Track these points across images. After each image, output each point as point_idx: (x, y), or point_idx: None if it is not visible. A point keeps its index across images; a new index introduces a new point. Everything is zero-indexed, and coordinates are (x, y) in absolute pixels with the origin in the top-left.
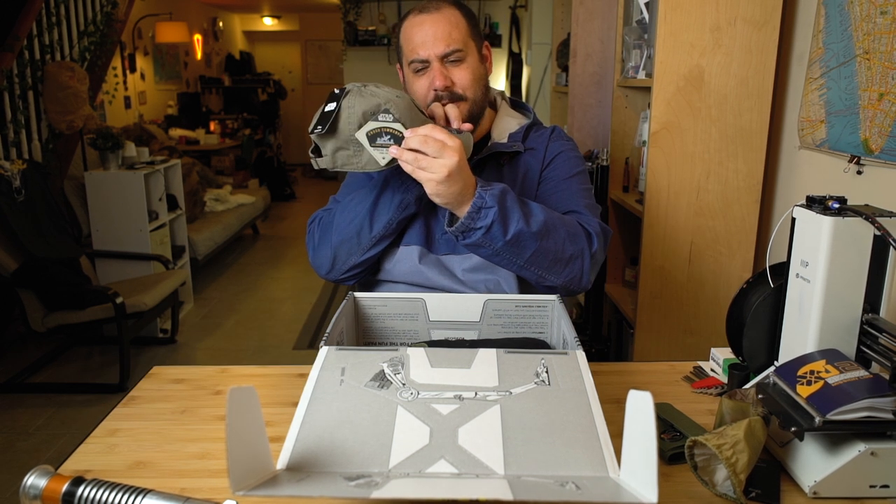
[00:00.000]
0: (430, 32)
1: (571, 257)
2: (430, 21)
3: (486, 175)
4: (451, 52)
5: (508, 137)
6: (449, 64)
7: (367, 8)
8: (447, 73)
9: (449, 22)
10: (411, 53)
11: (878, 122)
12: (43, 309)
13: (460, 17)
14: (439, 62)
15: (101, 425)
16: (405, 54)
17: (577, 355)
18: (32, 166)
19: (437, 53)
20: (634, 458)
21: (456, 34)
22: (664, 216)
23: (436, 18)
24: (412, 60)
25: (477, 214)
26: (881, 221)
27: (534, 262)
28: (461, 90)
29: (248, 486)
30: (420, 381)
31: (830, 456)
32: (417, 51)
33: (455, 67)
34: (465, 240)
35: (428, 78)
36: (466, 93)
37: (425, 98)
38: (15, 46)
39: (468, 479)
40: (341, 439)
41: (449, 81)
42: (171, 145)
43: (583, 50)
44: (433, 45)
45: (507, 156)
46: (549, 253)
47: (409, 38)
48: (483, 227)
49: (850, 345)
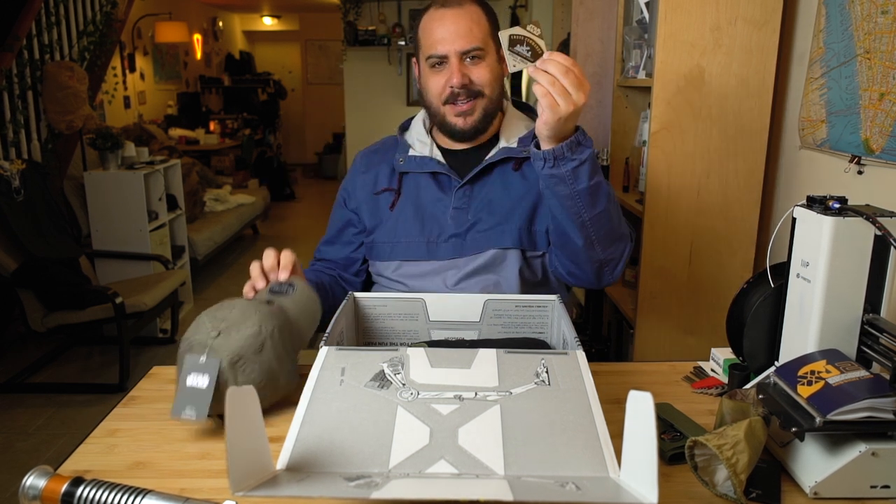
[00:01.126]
0: (451, 28)
1: (621, 236)
2: (452, 16)
3: (497, 179)
4: (472, 49)
5: (519, 142)
6: (468, 61)
7: (367, 8)
8: (466, 70)
9: (471, 18)
10: (429, 48)
11: (879, 121)
12: (43, 309)
13: (482, 15)
14: (458, 59)
15: (101, 425)
16: (423, 49)
17: (577, 355)
18: (32, 166)
19: (456, 49)
20: (635, 459)
21: (477, 31)
22: (664, 216)
23: (457, 14)
24: (430, 55)
25: (577, 147)
26: (882, 221)
27: (596, 222)
28: (479, 87)
29: (248, 487)
30: (420, 382)
31: (831, 456)
32: (436, 46)
33: (474, 65)
34: (556, 168)
35: (445, 74)
36: (485, 90)
37: (440, 95)
38: (14, 46)
39: (468, 479)
40: (341, 439)
41: (466, 79)
42: (170, 145)
43: (583, 50)
44: (453, 41)
45: (516, 160)
46: (610, 220)
47: (429, 33)
48: (577, 161)
49: (851, 345)
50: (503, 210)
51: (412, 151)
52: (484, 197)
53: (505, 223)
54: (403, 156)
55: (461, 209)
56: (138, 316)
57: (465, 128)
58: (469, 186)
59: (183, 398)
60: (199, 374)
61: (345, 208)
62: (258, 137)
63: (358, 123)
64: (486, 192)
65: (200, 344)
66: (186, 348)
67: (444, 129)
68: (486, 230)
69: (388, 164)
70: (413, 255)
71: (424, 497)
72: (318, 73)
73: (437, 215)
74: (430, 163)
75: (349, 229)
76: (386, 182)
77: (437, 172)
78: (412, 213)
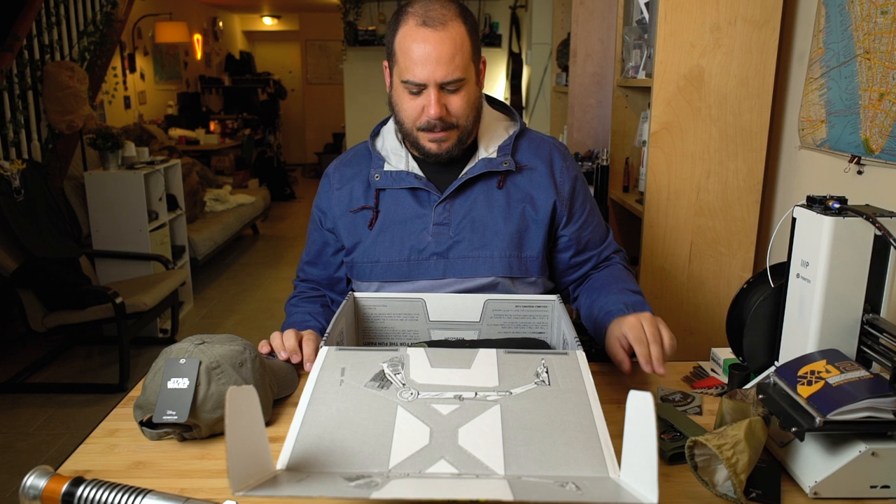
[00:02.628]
0: (432, 54)
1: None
2: (434, 40)
3: (478, 194)
4: (452, 80)
5: (498, 150)
6: (446, 90)
7: (367, 8)
8: (444, 100)
9: (454, 43)
10: (406, 71)
11: (879, 121)
12: (43, 309)
13: (465, 37)
14: (436, 89)
15: (101, 425)
16: (398, 67)
17: (577, 355)
18: (32, 166)
19: (436, 80)
20: (635, 459)
21: (459, 60)
22: (664, 216)
23: (441, 38)
24: (407, 80)
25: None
26: (882, 221)
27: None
28: (455, 119)
29: (248, 487)
30: (420, 382)
31: (831, 456)
32: (414, 70)
33: (453, 94)
34: None
35: (421, 101)
36: (459, 121)
37: (415, 120)
38: (14, 46)
39: (468, 479)
40: (341, 439)
41: (444, 111)
42: (170, 145)
43: (583, 50)
44: (434, 70)
45: (500, 176)
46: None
47: (407, 52)
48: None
49: (851, 345)
50: (488, 230)
51: (387, 166)
52: (466, 213)
53: (492, 247)
54: (379, 171)
55: (442, 224)
56: (138, 316)
57: (440, 152)
58: (449, 200)
59: (164, 401)
60: (178, 378)
61: (321, 229)
62: (258, 137)
63: (358, 123)
64: (467, 208)
65: (182, 350)
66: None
67: (417, 149)
68: (472, 255)
69: (362, 179)
70: (393, 276)
71: (425, 497)
72: (318, 73)
73: (417, 232)
74: (408, 177)
75: (327, 249)
76: (362, 199)
77: (415, 187)
78: (390, 232)
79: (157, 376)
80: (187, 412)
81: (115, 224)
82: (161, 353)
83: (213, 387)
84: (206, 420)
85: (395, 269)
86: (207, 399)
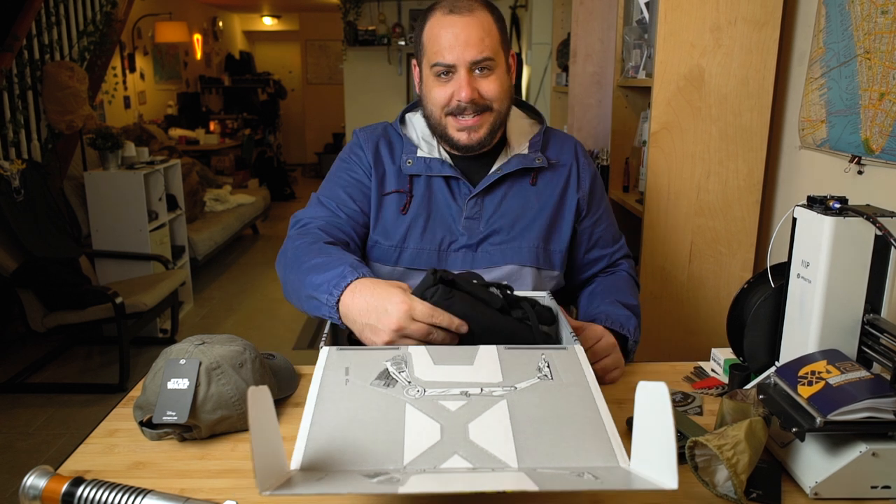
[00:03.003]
0: (460, 36)
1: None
2: (462, 24)
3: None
4: (482, 59)
5: (530, 146)
6: (477, 73)
7: (367, 8)
8: (475, 83)
9: (482, 27)
10: (436, 55)
11: (879, 121)
12: (43, 309)
13: (492, 23)
14: (467, 70)
15: (101, 425)
16: (427, 54)
17: (575, 350)
18: (32, 166)
19: (466, 60)
20: (647, 448)
21: (488, 41)
22: (664, 216)
23: (468, 22)
24: (436, 63)
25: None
26: (882, 221)
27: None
28: (489, 101)
29: (273, 486)
30: (425, 379)
31: (831, 457)
32: (443, 53)
33: (483, 78)
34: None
35: (452, 86)
36: (494, 104)
37: (444, 107)
38: (14, 46)
39: (484, 472)
40: (353, 438)
41: (476, 93)
42: (170, 145)
43: (583, 50)
44: (463, 51)
45: (533, 173)
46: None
47: (435, 38)
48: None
49: (852, 345)
50: (519, 226)
51: (420, 152)
52: (497, 208)
53: (521, 239)
54: (411, 157)
55: (473, 219)
56: (138, 316)
57: (470, 143)
58: (480, 195)
59: (164, 402)
60: (178, 378)
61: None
62: (258, 137)
63: (358, 123)
64: (498, 203)
65: (182, 350)
66: (166, 356)
67: (445, 141)
68: (500, 244)
69: (393, 162)
70: (422, 263)
71: (449, 490)
72: (318, 73)
73: (449, 223)
74: (442, 166)
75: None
76: (395, 183)
77: (448, 177)
78: (423, 219)
79: (157, 377)
80: (187, 412)
81: (114, 224)
82: (161, 354)
83: (213, 387)
84: (206, 420)
85: (424, 256)
86: (207, 399)
